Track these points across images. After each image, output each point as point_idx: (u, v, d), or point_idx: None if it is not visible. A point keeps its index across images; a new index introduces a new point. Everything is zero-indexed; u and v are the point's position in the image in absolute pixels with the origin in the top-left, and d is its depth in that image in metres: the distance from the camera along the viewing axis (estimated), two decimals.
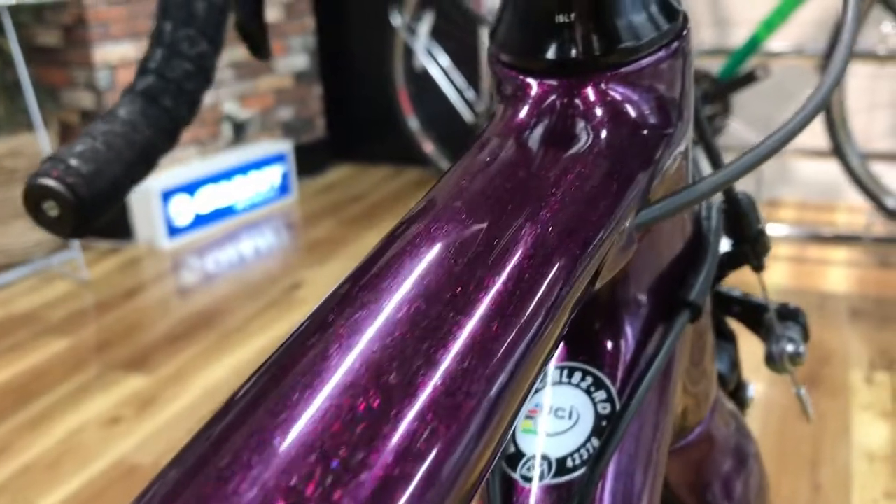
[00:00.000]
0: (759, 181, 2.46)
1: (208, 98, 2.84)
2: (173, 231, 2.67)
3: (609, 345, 0.38)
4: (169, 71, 0.41)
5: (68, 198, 0.35)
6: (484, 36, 2.83)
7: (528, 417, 0.36)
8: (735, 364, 0.52)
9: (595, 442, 0.35)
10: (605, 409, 0.36)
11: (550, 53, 0.34)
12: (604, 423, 0.36)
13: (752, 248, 0.48)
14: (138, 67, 0.42)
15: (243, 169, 2.88)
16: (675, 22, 0.36)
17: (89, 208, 0.36)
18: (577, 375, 0.37)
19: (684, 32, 0.36)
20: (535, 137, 0.33)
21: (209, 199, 2.78)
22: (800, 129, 0.34)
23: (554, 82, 0.34)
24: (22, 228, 2.58)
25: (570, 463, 0.35)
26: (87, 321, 2.19)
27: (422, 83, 2.65)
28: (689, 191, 0.34)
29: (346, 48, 3.32)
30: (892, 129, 2.49)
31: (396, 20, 2.54)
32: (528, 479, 0.35)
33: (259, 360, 1.61)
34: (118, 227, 2.67)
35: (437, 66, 2.60)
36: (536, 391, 0.37)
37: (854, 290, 2.13)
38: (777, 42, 2.24)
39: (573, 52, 0.33)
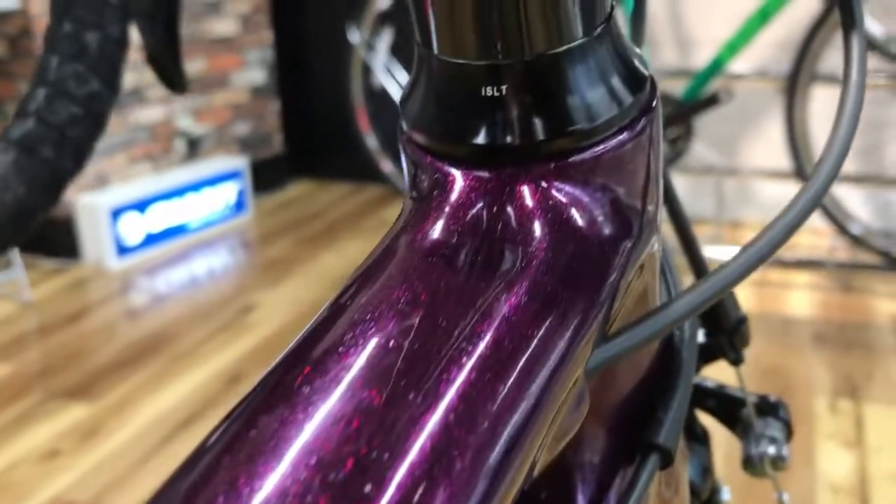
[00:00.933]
0: (720, 202, 2.43)
1: (161, 113, 2.76)
2: (123, 250, 2.57)
3: None
4: (51, 114, 0.34)
5: None
6: None
7: None
8: (708, 469, 0.44)
9: None
10: None
11: (475, 137, 0.26)
12: None
13: (729, 340, 0.41)
14: (16, 109, 0.35)
15: (197, 186, 2.80)
16: (641, 92, 0.27)
17: None
18: None
19: (653, 104, 0.28)
20: (452, 255, 0.24)
21: (161, 217, 2.69)
22: (793, 228, 0.27)
23: (482, 174, 0.26)
24: None
25: None
26: (30, 345, 2.10)
27: (380, 101, 2.59)
28: (658, 317, 0.26)
29: (306, 62, 3.25)
30: (855, 152, 2.48)
31: (354, 37, 2.48)
32: None
33: (207, 387, 1.52)
34: (64, 246, 2.57)
35: (397, 84, 2.55)
36: None
37: (817, 315, 2.11)
38: (740, 64, 2.22)
39: (506, 137, 0.25)
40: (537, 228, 0.25)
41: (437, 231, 0.25)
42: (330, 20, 2.97)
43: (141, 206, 2.62)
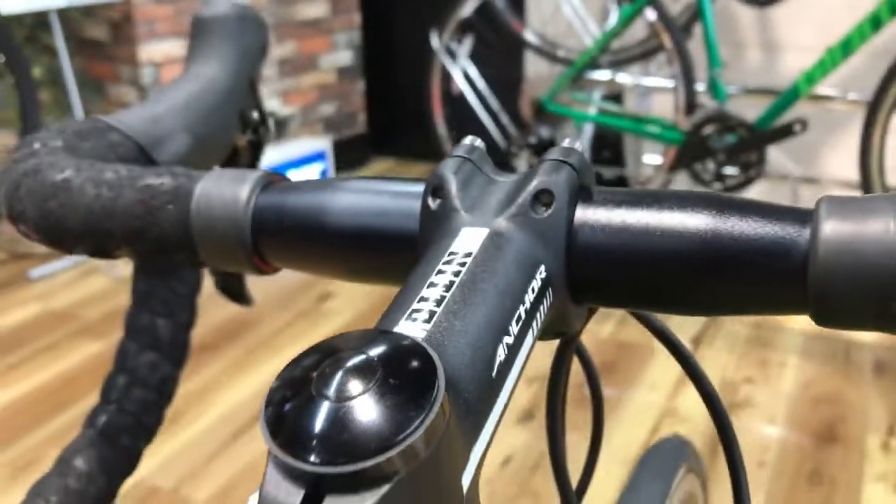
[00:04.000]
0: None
1: None
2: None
3: None
4: (129, 402, 0.42)
5: None
6: (525, 58, 2.80)
7: None
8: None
9: None
10: None
11: None
12: None
13: None
14: (101, 392, 0.44)
15: (282, 168, 2.91)
16: None
17: None
18: None
19: None
20: None
21: None
22: None
23: None
24: None
25: None
26: (120, 324, 2.25)
27: (458, 105, 2.65)
28: None
29: (391, 43, 3.31)
30: None
31: (436, 43, 2.52)
32: None
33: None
34: None
35: (474, 89, 2.60)
36: None
37: (881, 340, 2.10)
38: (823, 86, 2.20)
39: None
40: None
41: None
42: (417, 2, 3.02)
43: None
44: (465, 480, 0.24)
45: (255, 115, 0.49)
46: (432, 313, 0.25)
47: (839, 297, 0.26)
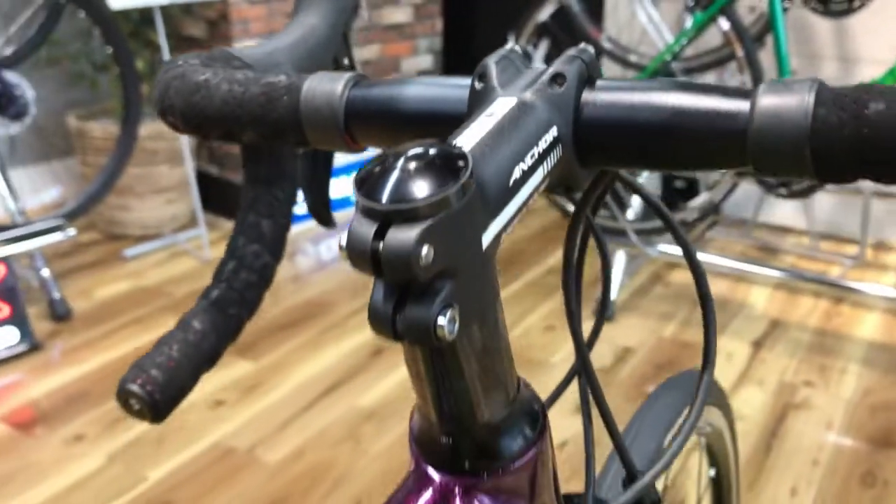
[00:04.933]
0: (866, 221, 2.43)
1: None
2: (294, 218, 2.84)
3: None
4: (236, 282, 0.52)
5: (147, 400, 0.48)
6: (602, 63, 2.87)
7: None
8: None
9: None
10: None
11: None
12: None
13: None
14: (214, 274, 0.54)
15: (357, 165, 3.02)
16: (535, 430, 0.44)
17: (162, 407, 0.49)
18: None
19: (542, 435, 0.44)
20: None
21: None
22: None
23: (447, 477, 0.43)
24: (157, 203, 2.81)
25: None
26: None
27: None
28: None
29: (470, 49, 3.41)
30: None
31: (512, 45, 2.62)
32: None
33: (351, 358, 1.77)
34: None
35: None
36: None
37: None
38: None
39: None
40: None
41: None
42: (497, 7, 3.11)
43: None
44: (485, 241, 0.34)
45: (346, 61, 0.59)
46: (470, 143, 0.35)
47: (768, 150, 0.35)
